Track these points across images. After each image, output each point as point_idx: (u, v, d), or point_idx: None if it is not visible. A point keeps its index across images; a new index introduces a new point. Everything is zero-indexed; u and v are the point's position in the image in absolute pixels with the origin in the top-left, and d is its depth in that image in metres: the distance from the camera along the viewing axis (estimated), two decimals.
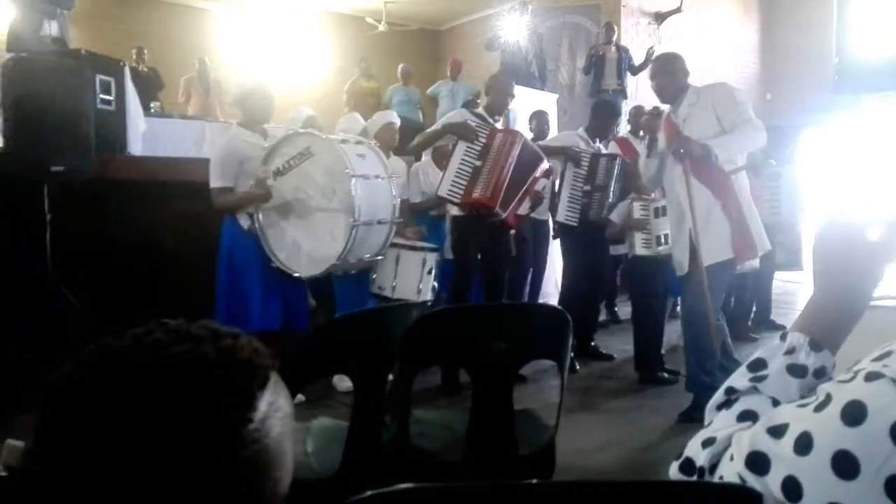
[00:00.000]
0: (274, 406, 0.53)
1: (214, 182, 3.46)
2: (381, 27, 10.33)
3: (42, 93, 3.54)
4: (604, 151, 4.76)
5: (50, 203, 3.75)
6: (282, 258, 3.46)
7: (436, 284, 3.93)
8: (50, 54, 4.33)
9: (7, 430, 1.26)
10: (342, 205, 3.32)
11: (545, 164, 4.27)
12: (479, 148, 4.03)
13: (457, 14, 11.59)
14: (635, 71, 7.85)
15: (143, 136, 4.87)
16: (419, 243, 3.96)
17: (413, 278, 3.78)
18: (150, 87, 7.80)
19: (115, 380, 0.50)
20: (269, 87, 3.69)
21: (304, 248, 3.43)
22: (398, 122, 4.55)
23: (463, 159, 4.02)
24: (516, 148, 4.05)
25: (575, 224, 4.61)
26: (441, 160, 4.72)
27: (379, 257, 3.67)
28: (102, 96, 4.24)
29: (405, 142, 4.67)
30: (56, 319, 3.63)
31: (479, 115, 4.20)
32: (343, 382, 3.77)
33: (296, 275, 3.46)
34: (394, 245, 3.77)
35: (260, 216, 3.50)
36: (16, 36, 4.76)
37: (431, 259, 3.86)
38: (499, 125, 4.28)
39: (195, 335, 0.54)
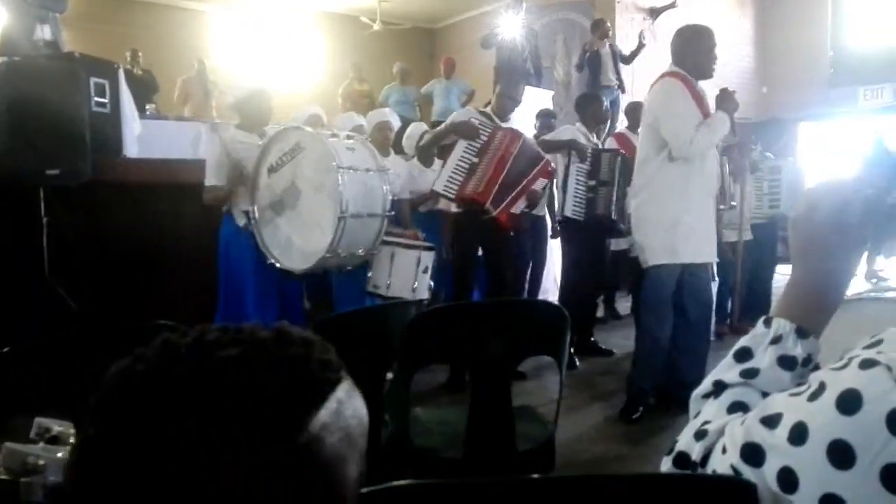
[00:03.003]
0: (329, 428, 0.49)
1: (208, 180, 3.49)
2: (376, 26, 10.33)
3: (36, 96, 3.53)
4: (602, 147, 4.78)
5: (46, 206, 3.74)
6: (276, 254, 3.43)
7: (432, 283, 3.91)
8: (43, 58, 4.31)
9: (4, 432, 1.26)
10: (330, 197, 3.29)
11: (546, 164, 4.24)
12: (478, 146, 4.05)
13: (451, 12, 11.59)
14: (627, 60, 7.78)
15: (139, 138, 4.85)
16: (414, 241, 3.94)
17: (408, 276, 3.75)
18: (145, 89, 7.79)
19: (160, 378, 0.49)
20: (268, 91, 3.70)
21: (296, 242, 3.40)
22: (393, 119, 4.55)
23: (462, 156, 4.04)
24: (515, 147, 4.05)
25: (580, 219, 4.60)
26: (427, 159, 4.69)
27: (373, 253, 3.63)
28: (97, 99, 4.22)
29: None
30: (53, 322, 3.63)
31: (484, 114, 4.22)
32: None
33: (290, 269, 3.43)
34: (388, 242, 3.74)
35: (256, 214, 3.48)
36: (8, 40, 4.74)
37: (427, 258, 3.84)
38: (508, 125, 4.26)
39: (257, 338, 0.51)
